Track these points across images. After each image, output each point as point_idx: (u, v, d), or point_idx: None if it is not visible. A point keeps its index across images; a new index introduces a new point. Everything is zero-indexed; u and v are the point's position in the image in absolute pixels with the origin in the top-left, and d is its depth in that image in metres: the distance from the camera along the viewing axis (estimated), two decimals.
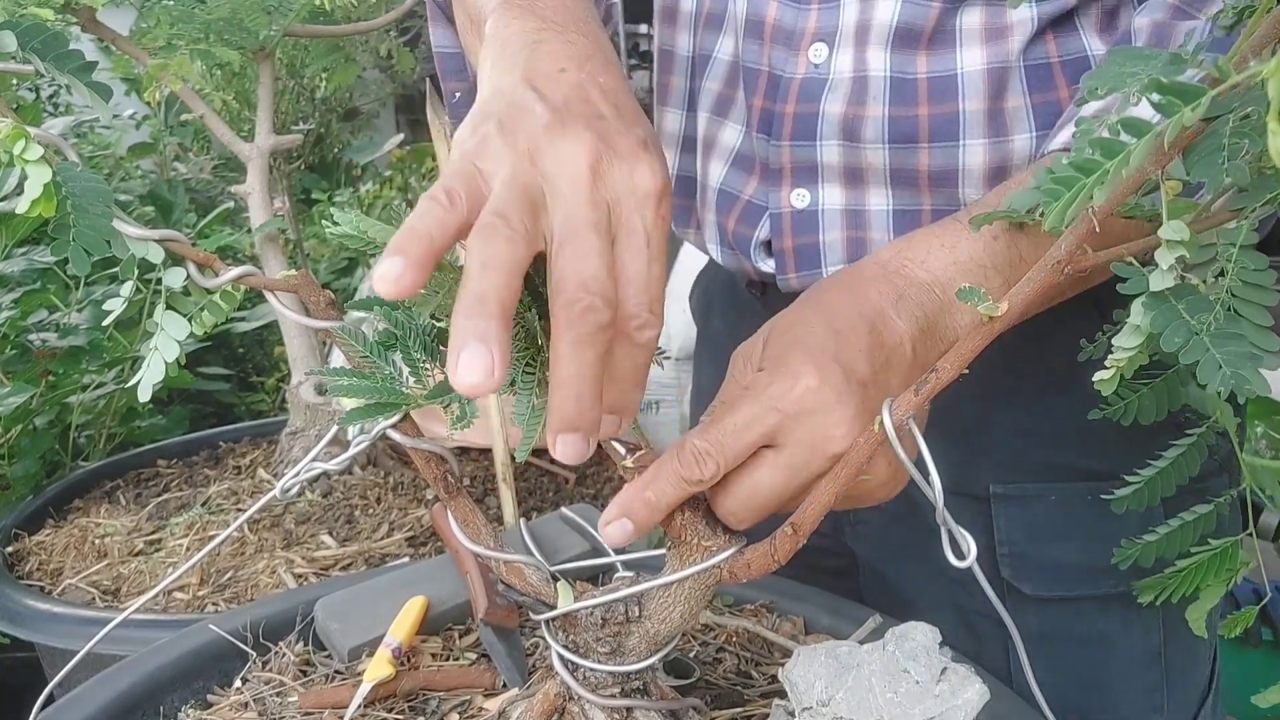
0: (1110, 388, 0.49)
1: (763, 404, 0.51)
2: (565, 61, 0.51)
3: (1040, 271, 0.45)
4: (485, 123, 0.47)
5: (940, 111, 0.73)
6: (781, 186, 0.80)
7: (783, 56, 0.78)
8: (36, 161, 0.50)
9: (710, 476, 0.50)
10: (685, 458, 0.50)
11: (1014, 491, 0.81)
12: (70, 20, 1.09)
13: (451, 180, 0.44)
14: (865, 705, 0.51)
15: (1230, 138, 0.39)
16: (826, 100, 0.75)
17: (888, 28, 0.73)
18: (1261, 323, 0.44)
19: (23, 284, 1.50)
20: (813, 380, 0.51)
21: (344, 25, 1.25)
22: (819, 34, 0.76)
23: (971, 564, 0.49)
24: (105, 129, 2.56)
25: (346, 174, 2.71)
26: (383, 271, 0.40)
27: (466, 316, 0.39)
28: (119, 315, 0.60)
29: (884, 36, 0.73)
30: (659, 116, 0.91)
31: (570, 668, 0.57)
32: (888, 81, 0.74)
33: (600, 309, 0.42)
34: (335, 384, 0.50)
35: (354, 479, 1.23)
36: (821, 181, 0.78)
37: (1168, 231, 0.43)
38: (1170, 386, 0.63)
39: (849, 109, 0.75)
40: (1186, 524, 0.70)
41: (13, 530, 1.19)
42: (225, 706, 0.68)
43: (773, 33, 0.78)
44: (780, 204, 0.80)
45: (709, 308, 1.05)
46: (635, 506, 0.51)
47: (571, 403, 0.43)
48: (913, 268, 0.59)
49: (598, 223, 0.44)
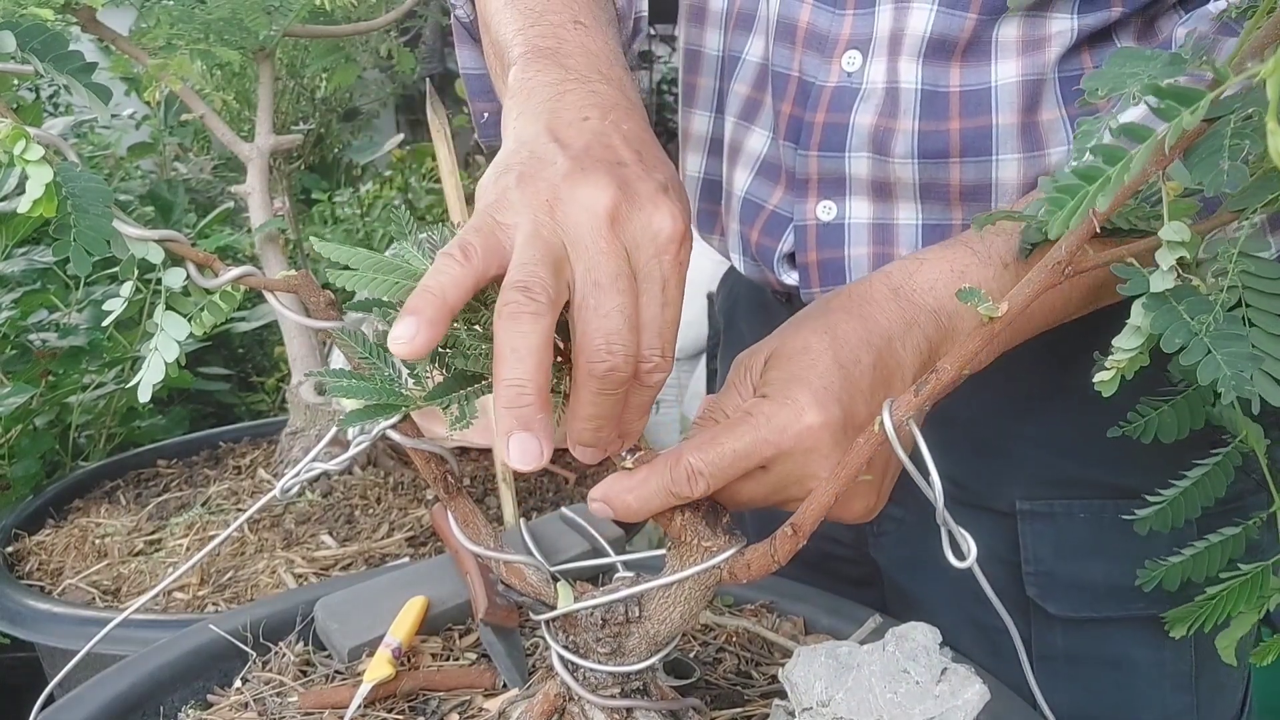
0: (1110, 389, 0.49)
1: (763, 435, 0.52)
2: (589, 110, 0.52)
3: (1040, 272, 0.45)
4: (506, 175, 0.48)
5: (973, 125, 0.71)
6: (808, 198, 0.78)
7: (815, 63, 0.76)
8: (37, 162, 0.50)
9: (699, 495, 0.52)
10: (678, 474, 0.52)
11: (1041, 508, 0.79)
12: (70, 20, 1.09)
13: (469, 234, 0.45)
14: (865, 705, 0.51)
15: (1231, 139, 0.39)
16: (858, 111, 0.73)
17: (920, 38, 0.71)
18: (1275, 331, 0.44)
19: (23, 284, 1.50)
20: (815, 419, 0.52)
21: (344, 25, 1.25)
22: (853, 41, 0.74)
23: (971, 564, 0.49)
24: (105, 129, 2.56)
25: (346, 174, 2.71)
26: (397, 334, 0.42)
27: (507, 407, 0.43)
28: (119, 315, 0.60)
29: (916, 47, 0.71)
30: (685, 118, 0.89)
31: (570, 668, 0.57)
32: (919, 94, 0.72)
33: (622, 369, 0.45)
34: (335, 384, 0.50)
35: (354, 479, 1.23)
36: (849, 194, 0.76)
37: (1168, 232, 0.43)
38: (1192, 404, 0.61)
39: (880, 121, 0.73)
40: (1214, 546, 0.67)
41: (13, 530, 1.19)
42: (225, 706, 0.68)
43: (805, 37, 0.76)
44: (805, 216, 0.78)
45: (733, 310, 1.04)
46: (619, 502, 0.53)
47: (590, 434, 0.48)
48: (921, 294, 0.59)
49: (618, 274, 0.45)
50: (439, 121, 0.98)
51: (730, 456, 0.52)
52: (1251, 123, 0.39)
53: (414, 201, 2.55)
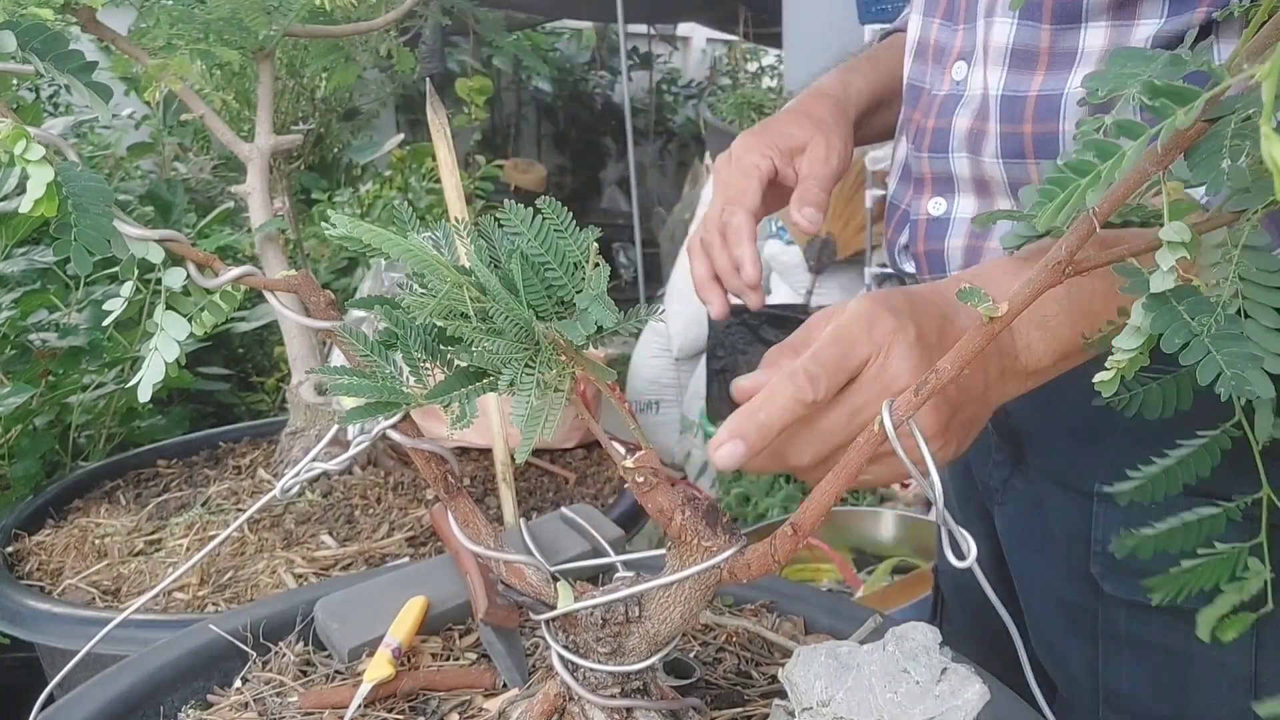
0: (1111, 389, 0.49)
1: (858, 333, 0.57)
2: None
3: (1040, 272, 0.45)
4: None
5: (1042, 130, 0.76)
6: (923, 195, 0.87)
7: (934, 74, 0.86)
8: (38, 161, 0.50)
9: (821, 398, 0.55)
10: (800, 381, 0.55)
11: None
12: (70, 20, 1.09)
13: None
14: (865, 705, 0.51)
15: (1231, 139, 0.39)
16: (958, 115, 0.82)
17: (1005, 49, 0.77)
18: (1271, 324, 0.44)
19: (23, 284, 1.50)
20: (890, 322, 0.57)
21: (344, 25, 1.25)
22: (961, 53, 0.83)
23: (971, 564, 0.49)
24: (105, 129, 2.56)
25: (346, 174, 2.71)
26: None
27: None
28: (119, 315, 0.60)
29: (1001, 57, 0.78)
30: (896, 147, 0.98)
31: (570, 668, 0.57)
32: (999, 100, 0.78)
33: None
34: (335, 383, 0.51)
35: (354, 479, 1.22)
36: (957, 191, 0.84)
37: (1168, 232, 0.43)
38: (1180, 384, 0.62)
39: (973, 123, 0.81)
40: (1190, 523, 0.68)
41: (13, 530, 1.19)
42: (225, 706, 0.68)
43: (933, 52, 0.86)
44: (920, 211, 0.87)
45: None
46: (749, 428, 0.56)
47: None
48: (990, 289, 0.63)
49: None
50: (439, 121, 0.98)
51: (834, 356, 0.56)
52: (1251, 123, 0.40)
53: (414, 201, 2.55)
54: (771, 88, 5.64)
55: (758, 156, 0.88)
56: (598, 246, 0.49)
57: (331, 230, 0.49)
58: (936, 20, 0.86)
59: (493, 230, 0.49)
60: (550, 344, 0.48)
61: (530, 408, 0.50)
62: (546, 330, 0.47)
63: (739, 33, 6.54)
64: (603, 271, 0.48)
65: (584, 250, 0.48)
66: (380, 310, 0.53)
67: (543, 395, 0.49)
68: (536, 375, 0.50)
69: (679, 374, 3.68)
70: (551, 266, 0.48)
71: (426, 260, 0.46)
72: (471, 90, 2.66)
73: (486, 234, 0.49)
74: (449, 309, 0.47)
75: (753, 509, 2.77)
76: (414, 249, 0.47)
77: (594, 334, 0.45)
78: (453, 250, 0.50)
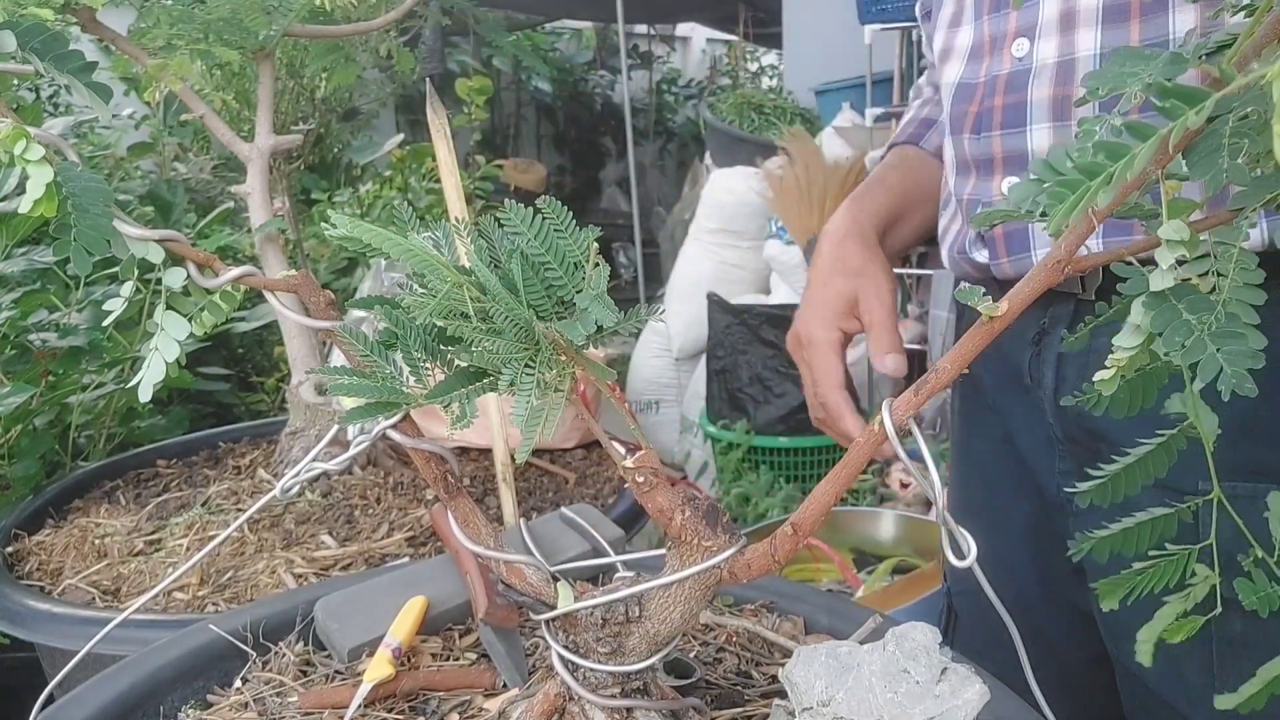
0: (1110, 388, 0.49)
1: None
2: None
3: (1040, 271, 0.45)
4: None
5: None
6: (993, 177, 0.87)
7: (993, 61, 0.87)
8: (38, 161, 0.50)
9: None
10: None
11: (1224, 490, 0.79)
12: (70, 20, 1.09)
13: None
14: (865, 705, 0.51)
15: (1230, 137, 0.39)
16: (1033, 87, 0.82)
17: (1095, 8, 0.79)
18: (1251, 320, 0.44)
19: (23, 284, 1.50)
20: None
21: (344, 25, 1.25)
22: (1020, 31, 0.84)
23: (971, 564, 0.49)
24: (105, 129, 2.56)
25: (346, 174, 2.71)
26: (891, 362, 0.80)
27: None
28: (119, 315, 0.60)
29: (1093, 17, 0.79)
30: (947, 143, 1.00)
31: (570, 668, 0.57)
32: (1097, 59, 0.79)
33: None
34: (335, 384, 0.50)
35: (354, 479, 1.22)
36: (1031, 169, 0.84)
37: (1168, 231, 0.43)
38: (1146, 381, 0.61)
39: (1057, 90, 0.81)
40: (1143, 523, 0.68)
41: (13, 530, 1.19)
42: (225, 706, 0.68)
43: (989, 45, 0.88)
44: (991, 194, 0.87)
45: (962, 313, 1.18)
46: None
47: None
48: None
49: None
50: (439, 121, 0.98)
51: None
52: (1249, 121, 0.39)
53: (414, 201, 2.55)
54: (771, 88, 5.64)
55: (825, 331, 1.00)
56: (598, 246, 0.48)
57: (331, 230, 0.49)
58: (986, 17, 0.88)
59: (493, 230, 0.49)
60: (550, 344, 0.48)
61: (530, 408, 0.50)
62: (546, 330, 0.47)
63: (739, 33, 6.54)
64: (603, 271, 0.48)
65: (584, 250, 0.48)
66: (380, 310, 0.53)
67: (543, 395, 0.49)
68: (536, 375, 0.50)
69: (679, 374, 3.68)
70: (551, 266, 0.48)
71: (426, 260, 0.46)
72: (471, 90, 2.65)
73: (486, 234, 0.49)
74: (449, 309, 0.47)
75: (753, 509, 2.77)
76: (414, 249, 0.46)
77: (594, 334, 0.45)
78: (453, 250, 0.50)
